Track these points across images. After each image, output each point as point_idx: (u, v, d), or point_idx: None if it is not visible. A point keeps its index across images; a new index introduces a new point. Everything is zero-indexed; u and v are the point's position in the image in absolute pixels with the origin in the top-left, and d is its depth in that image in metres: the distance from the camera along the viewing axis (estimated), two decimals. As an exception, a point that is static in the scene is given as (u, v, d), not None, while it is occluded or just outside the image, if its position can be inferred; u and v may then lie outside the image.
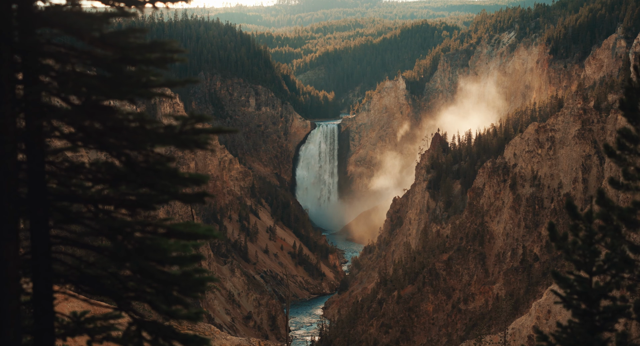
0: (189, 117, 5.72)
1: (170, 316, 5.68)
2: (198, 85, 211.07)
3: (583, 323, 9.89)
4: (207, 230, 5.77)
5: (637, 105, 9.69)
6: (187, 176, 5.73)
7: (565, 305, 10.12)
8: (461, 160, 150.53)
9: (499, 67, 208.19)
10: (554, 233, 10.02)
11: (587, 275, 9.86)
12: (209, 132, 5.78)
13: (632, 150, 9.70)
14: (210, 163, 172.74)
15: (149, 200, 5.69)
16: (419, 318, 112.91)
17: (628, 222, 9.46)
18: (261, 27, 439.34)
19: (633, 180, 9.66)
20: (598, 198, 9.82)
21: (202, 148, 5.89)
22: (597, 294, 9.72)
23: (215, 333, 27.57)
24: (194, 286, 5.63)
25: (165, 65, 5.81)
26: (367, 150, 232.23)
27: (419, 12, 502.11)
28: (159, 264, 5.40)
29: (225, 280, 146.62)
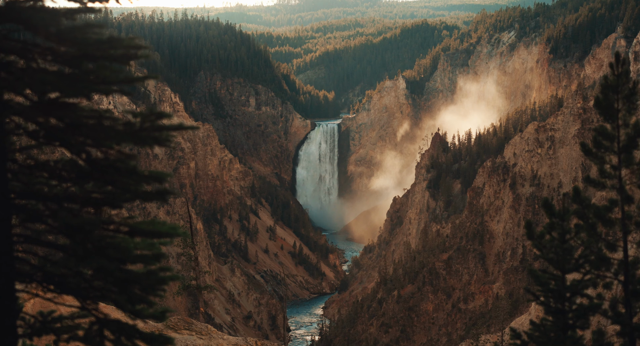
0: (148, 114, 5.65)
1: (136, 315, 5.65)
2: (197, 84, 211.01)
3: (556, 321, 9.87)
4: (171, 228, 5.71)
5: (613, 103, 9.70)
6: (147, 173, 5.64)
7: (538, 303, 10.10)
8: (461, 159, 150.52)
9: (499, 66, 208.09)
10: (531, 232, 10.00)
11: (560, 273, 9.85)
12: (169, 129, 5.70)
13: (608, 148, 9.72)
14: (210, 163, 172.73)
15: (115, 199, 5.63)
16: (419, 317, 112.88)
17: (604, 220, 9.46)
18: (261, 26, 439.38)
19: (609, 178, 9.68)
20: (573, 196, 9.83)
21: (162, 146, 5.82)
22: (569, 292, 9.71)
23: (212, 333, 27.47)
24: (155, 285, 5.58)
25: (129, 62, 5.73)
26: (367, 149, 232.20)
27: (419, 12, 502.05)
28: (119, 263, 5.36)
29: (226, 279, 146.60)
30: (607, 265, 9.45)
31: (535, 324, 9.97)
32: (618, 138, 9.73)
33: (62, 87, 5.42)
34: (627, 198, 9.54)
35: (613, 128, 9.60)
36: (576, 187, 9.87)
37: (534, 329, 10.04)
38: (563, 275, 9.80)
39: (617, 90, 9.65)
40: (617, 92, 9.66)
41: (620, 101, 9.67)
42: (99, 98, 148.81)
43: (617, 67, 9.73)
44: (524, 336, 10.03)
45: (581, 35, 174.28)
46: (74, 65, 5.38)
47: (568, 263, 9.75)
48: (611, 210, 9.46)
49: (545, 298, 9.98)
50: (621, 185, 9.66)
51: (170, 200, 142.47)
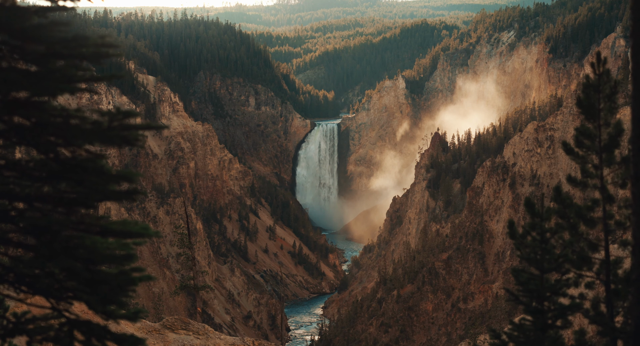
0: (116, 113, 5.64)
1: (108, 316, 5.63)
2: (197, 84, 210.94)
3: (535, 321, 9.92)
4: (142, 228, 5.67)
5: (595, 103, 9.75)
6: (115, 173, 5.63)
7: (517, 303, 10.15)
8: (461, 159, 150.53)
9: (499, 66, 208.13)
10: (513, 231, 10.04)
11: (539, 273, 9.92)
12: (138, 128, 5.68)
13: (590, 148, 9.78)
14: (210, 163, 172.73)
15: (87, 199, 5.61)
16: (419, 317, 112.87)
17: (585, 219, 9.51)
18: (261, 26, 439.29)
19: (591, 177, 9.74)
20: (554, 196, 9.87)
21: (131, 145, 5.80)
22: (548, 292, 9.75)
23: (209, 333, 27.50)
24: (124, 286, 5.55)
25: (100, 60, 5.72)
26: (366, 149, 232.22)
27: (418, 12, 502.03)
28: (88, 263, 5.36)
29: (225, 279, 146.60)
30: (589, 265, 9.50)
31: (514, 324, 10.02)
32: (599, 137, 9.76)
33: (27, 86, 5.41)
34: (609, 198, 9.61)
35: (595, 128, 9.67)
36: (557, 186, 9.93)
37: (513, 329, 10.09)
38: (542, 274, 9.87)
39: (599, 89, 9.70)
40: (598, 91, 9.71)
41: (602, 100, 9.73)
42: (99, 98, 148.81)
43: (599, 67, 9.78)
44: (504, 337, 10.07)
45: (580, 34, 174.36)
46: (42, 63, 5.37)
47: (547, 263, 9.81)
48: (593, 210, 9.53)
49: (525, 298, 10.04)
50: (603, 184, 9.72)
51: (169, 200, 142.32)
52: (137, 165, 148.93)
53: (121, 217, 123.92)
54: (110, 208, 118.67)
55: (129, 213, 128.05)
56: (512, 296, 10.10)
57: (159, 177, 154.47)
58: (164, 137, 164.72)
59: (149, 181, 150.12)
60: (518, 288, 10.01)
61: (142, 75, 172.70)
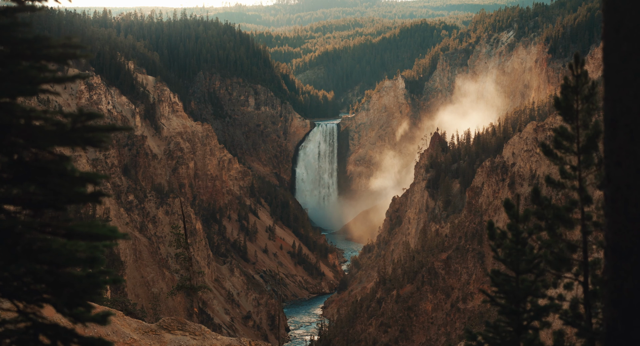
0: (79, 114, 5.59)
1: (75, 318, 5.58)
2: (197, 84, 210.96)
3: (510, 322, 9.92)
4: (109, 230, 5.62)
5: (573, 104, 9.76)
6: (78, 175, 5.57)
7: (493, 304, 10.15)
8: (460, 159, 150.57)
9: (498, 66, 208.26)
10: (492, 232, 10.04)
11: (515, 274, 9.93)
12: (102, 130, 5.65)
13: (568, 149, 9.78)
14: (209, 163, 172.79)
15: (56, 201, 5.56)
16: (418, 317, 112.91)
17: (564, 220, 9.51)
18: (260, 26, 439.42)
19: (569, 178, 9.74)
20: (533, 197, 9.88)
21: (95, 147, 5.75)
22: (523, 293, 9.75)
23: (205, 333, 27.48)
24: (89, 289, 5.50)
25: (66, 61, 5.68)
26: (366, 149, 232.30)
27: (418, 12, 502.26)
28: (52, 266, 5.31)
29: (225, 279, 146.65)
30: (567, 266, 9.51)
31: (490, 325, 10.02)
32: (578, 139, 9.77)
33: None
34: (587, 199, 9.62)
35: (573, 129, 9.68)
36: (535, 187, 9.95)
37: (488, 330, 10.08)
38: (517, 275, 9.88)
39: (577, 90, 9.72)
40: (576, 92, 9.73)
41: (580, 102, 9.75)
42: (98, 98, 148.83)
43: (577, 68, 9.80)
44: (480, 338, 10.05)
45: (580, 35, 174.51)
46: (4, 64, 5.33)
47: (523, 264, 9.82)
48: (571, 211, 9.53)
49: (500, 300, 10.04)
50: (581, 185, 9.72)
51: (169, 200, 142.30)
52: (136, 165, 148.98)
53: (121, 217, 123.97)
54: (110, 208, 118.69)
55: (128, 213, 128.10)
56: (488, 297, 10.11)
57: (159, 177, 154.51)
58: (163, 137, 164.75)
59: (148, 181, 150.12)
60: (494, 290, 10.02)
61: (141, 75, 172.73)
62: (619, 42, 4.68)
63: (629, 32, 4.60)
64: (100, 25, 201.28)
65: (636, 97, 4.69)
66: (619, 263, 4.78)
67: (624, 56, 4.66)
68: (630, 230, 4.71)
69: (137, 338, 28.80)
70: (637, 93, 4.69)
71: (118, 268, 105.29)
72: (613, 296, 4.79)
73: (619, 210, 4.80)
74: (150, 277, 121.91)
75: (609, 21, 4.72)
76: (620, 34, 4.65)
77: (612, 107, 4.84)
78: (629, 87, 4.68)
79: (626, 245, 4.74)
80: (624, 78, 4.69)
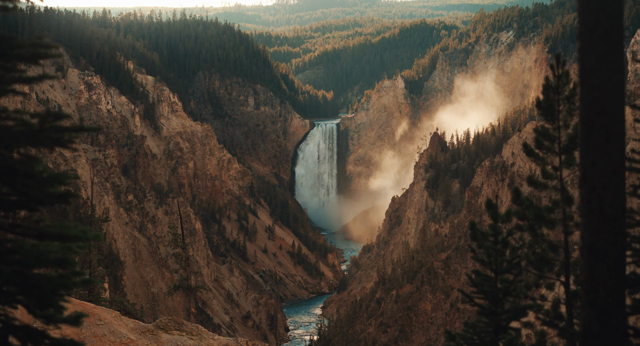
0: (47, 115, 5.58)
1: (47, 319, 5.56)
2: (196, 84, 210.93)
3: (489, 323, 9.92)
4: (80, 231, 5.59)
5: (554, 104, 9.78)
6: (46, 176, 5.53)
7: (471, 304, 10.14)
8: (460, 159, 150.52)
9: (498, 66, 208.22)
10: (475, 233, 10.05)
11: (493, 274, 9.94)
12: (69, 130, 5.63)
13: (550, 149, 9.80)
14: (209, 163, 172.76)
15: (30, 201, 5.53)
16: (418, 317, 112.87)
17: (545, 220, 9.52)
18: (260, 26, 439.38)
19: (551, 179, 9.75)
20: (514, 197, 9.89)
21: (63, 147, 5.75)
22: (502, 293, 9.75)
23: (202, 333, 27.49)
24: (57, 290, 5.48)
25: (37, 61, 5.67)
26: (366, 149, 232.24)
27: (417, 12, 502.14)
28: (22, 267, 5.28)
29: (224, 279, 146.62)
30: (549, 266, 9.51)
31: (469, 325, 10.02)
32: (559, 139, 9.80)
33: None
34: (568, 199, 9.63)
35: (554, 129, 9.70)
36: (516, 188, 9.95)
37: (467, 331, 10.08)
38: (496, 276, 9.89)
39: (558, 91, 9.74)
40: (557, 92, 9.74)
41: (561, 102, 9.76)
42: (97, 98, 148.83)
43: (558, 68, 9.81)
44: (458, 339, 10.05)
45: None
46: None
47: (501, 265, 9.82)
48: (553, 211, 9.53)
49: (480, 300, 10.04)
50: (562, 186, 9.72)
51: (168, 200, 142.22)
52: (135, 165, 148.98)
53: (120, 217, 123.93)
54: (109, 208, 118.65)
55: (128, 213, 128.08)
56: (466, 297, 10.12)
57: (158, 177, 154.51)
58: (162, 137, 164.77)
59: (147, 181, 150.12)
60: (472, 290, 10.02)
61: (140, 75, 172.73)
62: (594, 43, 4.69)
63: (604, 32, 4.61)
64: (100, 25, 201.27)
65: (611, 98, 4.70)
66: (595, 263, 4.78)
67: (599, 57, 4.67)
68: (606, 230, 4.72)
69: (134, 338, 28.80)
70: (613, 94, 4.70)
71: (117, 268, 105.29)
72: (589, 296, 4.80)
73: (594, 210, 4.81)
74: (149, 277, 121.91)
75: (584, 22, 4.73)
76: (595, 35, 4.66)
77: (587, 108, 4.85)
78: (605, 88, 4.69)
79: (602, 245, 4.74)
80: (600, 79, 4.69)
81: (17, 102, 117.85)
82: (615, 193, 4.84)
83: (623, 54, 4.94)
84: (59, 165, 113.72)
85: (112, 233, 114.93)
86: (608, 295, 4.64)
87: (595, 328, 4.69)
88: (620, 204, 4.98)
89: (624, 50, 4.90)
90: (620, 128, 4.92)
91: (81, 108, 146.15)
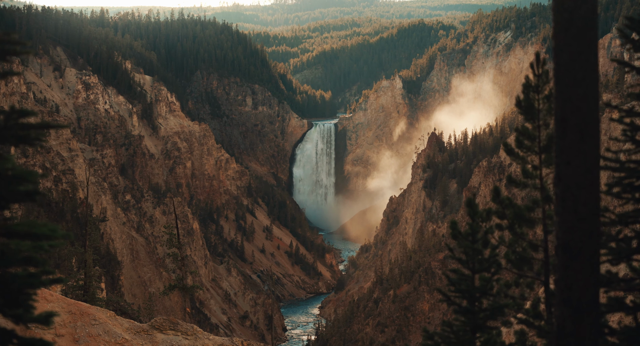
0: (11, 112, 5.55)
1: (17, 319, 5.54)
2: (194, 84, 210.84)
3: (467, 322, 9.94)
4: (49, 229, 5.54)
5: (534, 103, 9.80)
6: (11, 174, 5.49)
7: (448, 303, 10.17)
8: (457, 159, 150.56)
9: (495, 66, 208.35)
10: (455, 232, 10.07)
11: (470, 273, 9.95)
12: (36, 127, 5.60)
13: (530, 148, 9.83)
14: (206, 163, 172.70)
15: None
16: (415, 317, 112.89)
17: (524, 219, 9.55)
18: (258, 26, 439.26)
19: (531, 178, 9.78)
20: (493, 196, 9.91)
21: (29, 145, 5.71)
22: (479, 291, 9.77)
23: (197, 333, 27.49)
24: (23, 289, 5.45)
25: (5, 57, 5.65)
26: (363, 149, 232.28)
27: (415, 12, 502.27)
28: None
29: (222, 279, 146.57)
30: (529, 265, 9.54)
31: (447, 324, 10.04)
32: (539, 138, 9.80)
33: None
34: (548, 198, 9.65)
35: (534, 128, 9.73)
36: (496, 187, 9.97)
37: (443, 329, 10.11)
38: (473, 275, 9.91)
39: (538, 90, 9.75)
40: (537, 92, 9.75)
41: (541, 101, 9.79)
42: (95, 97, 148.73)
43: (538, 68, 9.82)
44: (437, 338, 10.08)
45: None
46: None
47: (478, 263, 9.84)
48: (533, 210, 9.56)
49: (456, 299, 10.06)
50: (542, 185, 9.75)
51: (166, 200, 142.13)
52: (133, 165, 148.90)
53: (118, 216, 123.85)
54: (107, 208, 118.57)
55: (125, 213, 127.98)
56: (444, 296, 10.13)
57: (156, 176, 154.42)
58: (160, 137, 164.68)
59: (145, 181, 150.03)
60: (450, 288, 10.04)
61: (138, 74, 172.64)
62: (569, 42, 4.70)
63: (578, 31, 4.62)
64: (98, 24, 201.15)
65: (586, 97, 4.71)
66: (569, 262, 4.79)
67: (573, 55, 4.68)
68: (580, 229, 4.73)
69: (129, 338, 28.78)
70: (587, 92, 4.71)
71: (115, 268, 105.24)
72: (563, 295, 4.80)
73: (569, 209, 4.82)
74: (147, 277, 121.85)
75: (559, 21, 4.74)
76: (569, 33, 4.67)
77: (562, 106, 4.86)
78: (579, 87, 4.70)
79: (576, 244, 4.75)
80: (574, 77, 4.70)
81: (14, 102, 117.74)
82: (590, 192, 4.85)
83: (597, 52, 4.96)
84: (56, 165, 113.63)
85: (110, 233, 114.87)
86: (582, 294, 4.65)
87: (569, 326, 4.70)
88: (595, 203, 4.99)
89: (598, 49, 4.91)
90: (595, 127, 4.94)
91: (79, 108, 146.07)
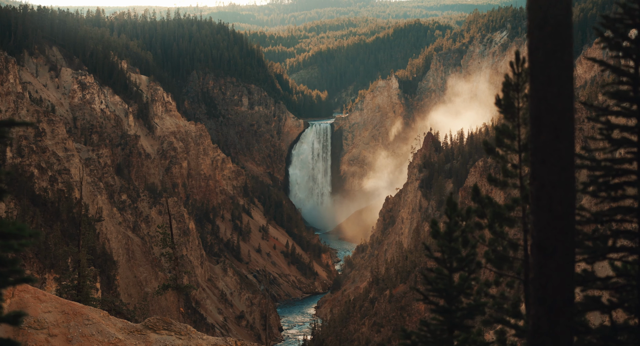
0: None
1: None
2: (190, 84, 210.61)
3: (444, 321, 9.96)
4: (17, 228, 5.51)
5: (514, 102, 9.82)
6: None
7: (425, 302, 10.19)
8: (453, 159, 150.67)
9: (491, 66, 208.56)
10: (436, 230, 10.09)
11: (448, 272, 9.96)
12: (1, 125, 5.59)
13: (510, 147, 9.86)
14: (202, 163, 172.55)
15: None
16: (411, 317, 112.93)
17: (504, 218, 9.58)
18: (254, 26, 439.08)
19: (511, 176, 9.81)
20: (473, 195, 9.93)
21: None
22: (456, 290, 9.79)
23: (191, 333, 27.47)
24: None
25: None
26: (360, 149, 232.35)
27: (412, 12, 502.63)
28: None
29: (218, 279, 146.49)
30: (509, 264, 9.56)
31: (424, 323, 10.07)
32: (519, 136, 9.81)
33: None
34: (527, 197, 9.63)
35: (514, 127, 9.75)
36: (475, 185, 9.99)
37: (420, 328, 10.12)
38: (450, 274, 9.92)
39: (518, 88, 9.77)
40: (517, 90, 9.77)
41: (521, 100, 9.80)
42: (91, 97, 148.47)
43: (517, 66, 9.85)
44: (414, 337, 10.10)
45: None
46: None
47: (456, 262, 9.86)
48: (513, 209, 9.58)
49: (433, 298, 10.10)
50: (522, 184, 9.78)
51: (162, 200, 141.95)
52: (129, 164, 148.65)
53: (113, 216, 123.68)
54: (103, 208, 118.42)
55: (121, 213, 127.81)
56: (421, 295, 10.15)
57: (152, 176, 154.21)
58: (156, 136, 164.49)
59: (141, 181, 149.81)
60: (427, 287, 10.05)
61: (134, 74, 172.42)
62: (543, 40, 4.70)
63: (553, 29, 4.62)
64: (94, 24, 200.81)
65: (560, 95, 4.71)
66: (544, 261, 4.79)
67: (548, 53, 4.68)
68: (555, 228, 4.73)
69: (122, 338, 28.74)
70: (562, 91, 4.71)
71: (110, 268, 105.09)
72: (538, 294, 4.80)
73: (543, 207, 4.82)
74: (143, 277, 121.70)
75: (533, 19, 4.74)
76: (544, 32, 4.67)
77: (537, 105, 4.86)
78: (553, 85, 4.70)
79: (551, 243, 4.74)
80: (549, 75, 4.70)
81: (9, 102, 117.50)
82: (565, 190, 4.85)
83: (572, 51, 4.96)
84: (52, 165, 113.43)
85: (106, 233, 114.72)
86: (557, 293, 4.65)
87: (544, 325, 4.70)
88: (570, 201, 4.99)
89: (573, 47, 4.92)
90: (570, 125, 4.94)
91: (74, 108, 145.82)
